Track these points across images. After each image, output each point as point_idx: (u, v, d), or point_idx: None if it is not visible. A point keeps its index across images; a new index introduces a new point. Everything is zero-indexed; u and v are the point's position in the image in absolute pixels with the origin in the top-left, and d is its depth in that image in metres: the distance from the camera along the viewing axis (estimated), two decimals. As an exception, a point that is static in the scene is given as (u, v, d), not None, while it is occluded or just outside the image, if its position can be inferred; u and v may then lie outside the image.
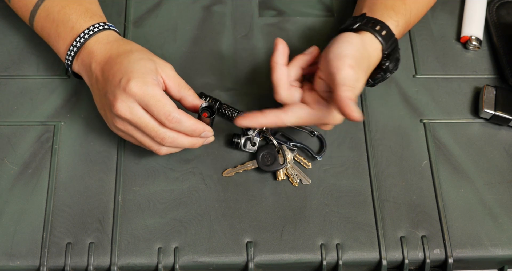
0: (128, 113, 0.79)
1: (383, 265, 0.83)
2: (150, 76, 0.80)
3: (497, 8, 1.01)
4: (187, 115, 0.80)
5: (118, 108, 0.79)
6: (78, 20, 0.86)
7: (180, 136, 0.81)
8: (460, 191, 0.88)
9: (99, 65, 0.83)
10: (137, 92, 0.78)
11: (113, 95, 0.80)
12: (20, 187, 0.86)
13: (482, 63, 0.98)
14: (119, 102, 0.79)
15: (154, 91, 0.79)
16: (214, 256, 0.83)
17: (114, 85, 0.80)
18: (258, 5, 1.01)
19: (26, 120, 0.90)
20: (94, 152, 0.88)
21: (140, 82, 0.79)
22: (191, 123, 0.80)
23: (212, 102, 0.89)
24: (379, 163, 0.89)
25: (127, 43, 0.85)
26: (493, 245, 0.84)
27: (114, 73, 0.80)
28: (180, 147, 0.82)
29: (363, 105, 0.93)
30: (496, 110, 0.92)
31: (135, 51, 0.83)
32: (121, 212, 0.85)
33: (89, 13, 0.87)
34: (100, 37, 0.85)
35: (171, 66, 0.84)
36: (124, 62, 0.81)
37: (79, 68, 0.86)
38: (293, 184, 0.87)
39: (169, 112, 0.79)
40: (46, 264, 0.82)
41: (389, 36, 0.85)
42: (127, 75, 0.79)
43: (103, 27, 0.86)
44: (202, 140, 0.83)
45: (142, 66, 0.80)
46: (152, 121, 0.80)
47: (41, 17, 0.88)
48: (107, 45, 0.84)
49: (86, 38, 0.85)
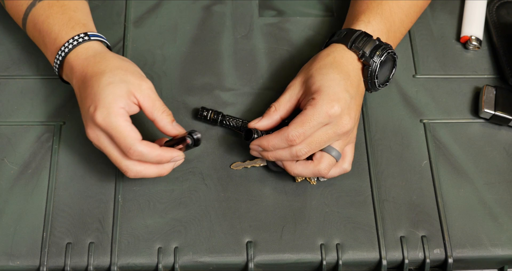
0: (96, 141, 0.80)
1: (383, 265, 0.83)
2: (116, 105, 0.78)
3: (497, 8, 1.01)
4: (151, 146, 0.79)
5: (89, 135, 0.80)
6: (60, 31, 0.85)
7: (144, 168, 0.80)
8: (460, 191, 0.88)
9: (78, 82, 0.83)
10: (101, 123, 0.78)
11: (85, 121, 0.81)
12: (20, 187, 0.86)
13: (482, 63, 0.98)
14: (89, 129, 0.80)
15: (117, 122, 0.78)
16: (214, 256, 0.83)
17: (85, 111, 0.80)
18: (258, 5, 1.01)
19: (26, 120, 0.90)
20: (94, 152, 0.88)
21: (104, 112, 0.78)
22: (156, 154, 0.79)
23: (214, 116, 0.88)
24: (379, 163, 0.89)
25: (103, 61, 0.82)
26: (493, 245, 0.84)
27: (86, 98, 0.80)
28: (145, 177, 0.81)
29: (363, 105, 0.93)
30: (496, 110, 0.91)
31: (107, 73, 0.80)
32: (121, 212, 0.85)
33: (71, 22, 0.85)
34: (80, 52, 0.83)
35: (149, 85, 0.81)
36: (94, 87, 0.80)
37: (66, 78, 0.87)
38: (311, 183, 0.87)
39: (130, 145, 0.78)
40: (46, 264, 0.82)
41: (352, 32, 0.86)
42: (94, 103, 0.79)
43: (83, 39, 0.84)
44: (171, 166, 0.82)
45: (110, 93, 0.79)
46: (116, 153, 0.80)
47: (30, 27, 0.88)
48: (85, 62, 0.83)
49: (66, 52, 0.84)
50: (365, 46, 0.84)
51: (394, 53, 0.86)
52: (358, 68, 0.85)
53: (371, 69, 0.84)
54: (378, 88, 0.87)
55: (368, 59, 0.84)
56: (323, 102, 0.80)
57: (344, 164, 0.85)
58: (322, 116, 0.80)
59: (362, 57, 0.84)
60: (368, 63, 0.84)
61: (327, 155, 0.82)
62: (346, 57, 0.85)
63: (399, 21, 0.90)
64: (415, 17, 0.94)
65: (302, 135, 0.80)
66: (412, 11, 0.92)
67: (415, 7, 0.93)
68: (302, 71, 0.86)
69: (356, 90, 0.83)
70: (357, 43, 0.85)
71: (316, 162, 0.82)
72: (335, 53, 0.85)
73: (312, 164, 0.82)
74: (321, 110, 0.80)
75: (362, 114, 0.92)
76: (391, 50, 0.85)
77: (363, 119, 0.92)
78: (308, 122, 0.80)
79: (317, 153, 0.83)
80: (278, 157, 0.83)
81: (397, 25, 0.90)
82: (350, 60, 0.84)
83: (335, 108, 0.80)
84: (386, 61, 0.86)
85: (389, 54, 0.85)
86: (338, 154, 0.83)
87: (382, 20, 0.88)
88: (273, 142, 0.81)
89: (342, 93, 0.81)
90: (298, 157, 0.82)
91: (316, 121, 0.80)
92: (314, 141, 0.81)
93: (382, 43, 0.85)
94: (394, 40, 0.90)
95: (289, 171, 0.84)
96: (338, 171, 0.85)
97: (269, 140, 0.82)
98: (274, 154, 0.82)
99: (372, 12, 0.89)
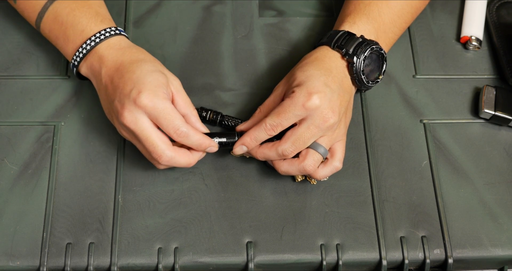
0: (133, 124, 0.80)
1: (383, 265, 0.83)
2: (161, 90, 0.80)
3: (497, 8, 1.01)
4: (195, 130, 0.81)
5: (125, 118, 0.80)
6: (89, 23, 0.86)
7: (177, 155, 0.81)
8: (460, 191, 0.88)
9: (109, 71, 0.83)
10: (148, 105, 0.79)
11: (121, 104, 0.80)
12: (20, 187, 0.86)
13: (482, 63, 0.98)
14: (126, 112, 0.80)
15: (164, 105, 0.79)
16: (214, 256, 0.83)
17: (124, 94, 0.80)
18: (258, 5, 1.01)
19: (26, 121, 0.90)
20: (94, 152, 0.88)
21: (151, 94, 0.79)
22: (198, 138, 0.81)
23: (214, 116, 0.89)
24: (379, 163, 0.89)
25: (140, 52, 0.85)
26: (493, 245, 0.84)
27: (125, 82, 0.80)
28: (176, 165, 0.82)
29: (363, 105, 0.93)
30: (496, 111, 0.92)
31: (148, 62, 0.83)
32: (121, 212, 0.85)
33: (100, 17, 0.87)
34: (112, 43, 0.85)
35: (180, 82, 0.84)
36: (137, 72, 0.81)
37: (86, 71, 0.86)
38: (312, 183, 0.87)
39: (178, 126, 0.80)
40: (46, 264, 0.82)
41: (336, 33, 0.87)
42: (139, 86, 0.79)
43: (115, 32, 0.86)
44: (199, 156, 0.84)
45: (154, 79, 0.80)
46: (154, 136, 0.80)
47: (49, 19, 0.88)
48: (119, 51, 0.84)
49: (97, 41, 0.84)
50: (348, 44, 0.85)
51: (380, 49, 0.86)
52: (342, 66, 0.85)
53: (356, 66, 0.85)
54: (368, 85, 0.87)
55: (351, 57, 0.85)
56: (300, 94, 0.81)
57: (335, 162, 0.85)
58: (298, 108, 0.80)
59: (346, 55, 0.85)
60: (352, 60, 0.85)
61: (312, 151, 0.83)
62: (328, 56, 0.85)
63: (390, 21, 0.90)
64: (410, 17, 0.94)
65: (279, 125, 0.81)
66: (405, 12, 0.92)
67: (408, 7, 0.92)
68: (288, 74, 0.87)
69: (339, 85, 0.83)
70: (340, 42, 0.85)
71: (301, 158, 0.83)
72: (317, 53, 0.86)
73: (297, 161, 0.83)
74: (297, 102, 0.81)
75: (362, 114, 0.92)
76: (376, 46, 0.85)
77: (363, 119, 0.92)
78: (284, 113, 0.81)
79: (303, 150, 0.83)
80: (266, 157, 0.83)
81: (388, 26, 0.90)
82: (333, 58, 0.85)
83: (313, 100, 0.80)
84: (372, 57, 0.86)
85: (374, 50, 0.85)
86: (324, 150, 0.83)
87: (368, 20, 0.88)
88: (254, 134, 0.83)
89: (321, 87, 0.81)
90: (285, 156, 0.82)
91: (292, 112, 0.81)
92: (298, 138, 0.81)
93: (365, 40, 0.85)
94: (386, 40, 0.90)
95: (277, 169, 0.84)
96: (329, 169, 0.85)
97: (249, 133, 0.83)
98: (262, 153, 0.83)
99: (358, 13, 0.89)
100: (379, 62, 0.87)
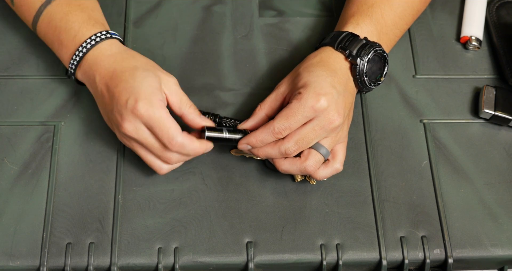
0: (135, 134, 0.80)
1: (383, 265, 0.83)
2: (156, 97, 0.80)
3: (497, 8, 1.01)
4: (190, 138, 0.81)
5: (126, 128, 0.80)
6: (81, 28, 0.85)
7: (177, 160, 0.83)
8: (460, 191, 0.88)
9: (103, 79, 0.83)
10: (144, 114, 0.79)
11: (120, 115, 0.80)
12: (20, 187, 0.86)
13: (482, 63, 0.98)
14: (126, 123, 0.80)
15: (159, 113, 0.79)
16: (214, 256, 0.83)
17: (121, 105, 0.80)
18: (258, 5, 1.01)
19: (26, 120, 0.90)
20: (94, 152, 0.88)
21: (146, 104, 0.79)
22: (194, 147, 0.81)
23: (212, 118, 0.88)
24: (379, 163, 0.89)
25: (131, 57, 0.84)
26: (493, 245, 0.84)
27: (121, 92, 0.80)
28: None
29: (363, 105, 0.93)
30: (496, 111, 0.92)
31: (140, 68, 0.82)
32: (121, 212, 0.85)
33: (92, 20, 0.86)
34: (103, 48, 0.84)
35: (175, 81, 0.83)
36: (130, 81, 0.81)
37: (82, 77, 0.86)
38: (311, 183, 0.87)
39: (172, 136, 0.79)
40: (46, 264, 0.82)
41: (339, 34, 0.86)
42: (134, 95, 0.79)
43: (105, 36, 0.85)
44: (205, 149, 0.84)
45: (148, 86, 0.80)
46: (156, 144, 0.81)
47: (44, 23, 0.88)
48: (111, 58, 0.84)
49: (88, 48, 0.84)
50: (351, 46, 0.85)
51: (383, 51, 0.86)
52: (346, 67, 0.85)
53: (359, 68, 0.85)
54: (370, 87, 0.87)
55: (355, 58, 0.84)
56: (308, 96, 0.80)
57: (336, 164, 0.85)
58: (307, 110, 0.80)
59: (349, 57, 0.85)
60: (355, 62, 0.84)
61: (314, 152, 0.82)
62: (333, 57, 0.85)
63: (392, 23, 0.90)
64: (411, 19, 0.94)
65: (287, 128, 0.81)
66: (407, 14, 0.92)
67: (410, 9, 0.93)
68: (290, 73, 0.87)
69: (344, 87, 0.83)
70: (343, 43, 0.85)
71: (303, 158, 0.83)
72: (322, 54, 0.86)
73: (299, 161, 0.83)
74: (306, 103, 0.80)
75: (362, 114, 0.92)
76: (379, 48, 0.85)
77: (363, 119, 0.92)
78: (293, 116, 0.80)
79: (305, 150, 0.83)
80: (267, 155, 0.83)
81: (390, 27, 0.90)
82: (337, 60, 0.85)
83: (321, 102, 0.80)
84: (375, 59, 0.86)
85: (377, 52, 0.85)
86: (326, 151, 0.83)
87: (372, 22, 0.88)
88: (260, 137, 0.82)
89: (328, 88, 0.81)
90: (287, 155, 0.82)
91: (301, 114, 0.80)
92: (302, 138, 0.81)
93: (369, 42, 0.85)
94: (387, 42, 0.90)
95: (278, 168, 0.84)
96: (329, 170, 0.85)
97: (256, 135, 0.82)
98: (264, 152, 0.83)
99: (362, 14, 0.89)
100: (381, 64, 0.87)
